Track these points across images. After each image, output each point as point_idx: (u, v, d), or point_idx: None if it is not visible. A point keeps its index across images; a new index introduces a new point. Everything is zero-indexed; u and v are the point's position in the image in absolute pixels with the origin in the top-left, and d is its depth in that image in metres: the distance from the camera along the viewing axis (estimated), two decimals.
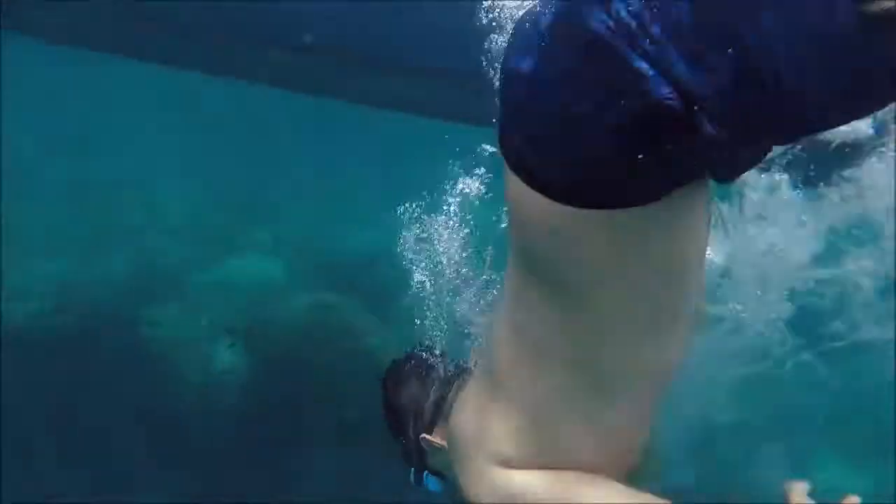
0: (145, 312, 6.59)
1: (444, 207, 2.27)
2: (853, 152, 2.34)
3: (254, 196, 10.55)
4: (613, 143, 0.89)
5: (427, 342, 1.99)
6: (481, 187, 2.23)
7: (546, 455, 1.29)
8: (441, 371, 1.80)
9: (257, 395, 6.31)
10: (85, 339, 6.13)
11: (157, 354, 6.40)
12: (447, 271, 2.21)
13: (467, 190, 2.30)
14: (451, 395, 1.68)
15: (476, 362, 1.71)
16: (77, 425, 5.52)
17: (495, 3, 1.97)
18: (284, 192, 11.15)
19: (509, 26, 1.62)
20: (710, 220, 1.13)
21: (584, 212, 0.95)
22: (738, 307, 2.98)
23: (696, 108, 0.83)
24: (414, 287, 2.48)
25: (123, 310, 6.58)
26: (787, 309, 3.13)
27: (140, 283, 7.09)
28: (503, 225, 1.63)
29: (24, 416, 5.39)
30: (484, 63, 1.95)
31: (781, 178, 2.51)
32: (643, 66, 0.83)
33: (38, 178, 9.27)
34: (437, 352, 1.91)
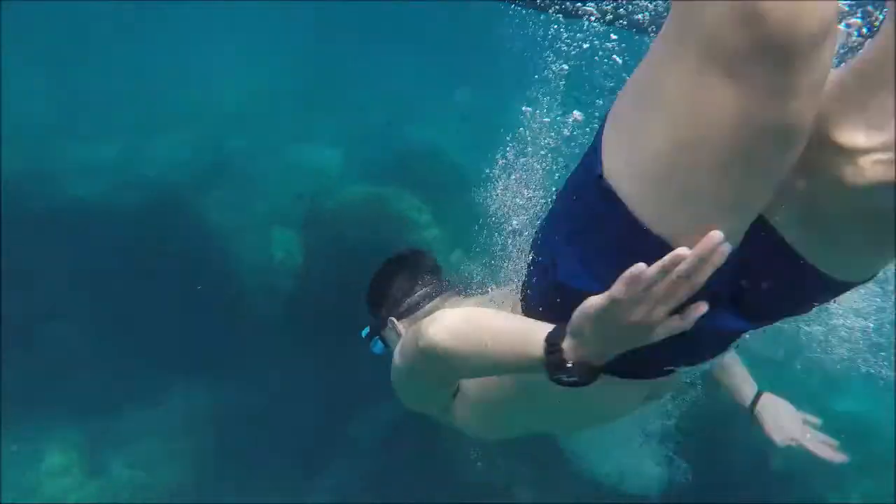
0: (207, 195, 6.65)
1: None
2: None
3: (318, 86, 10.35)
4: None
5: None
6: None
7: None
8: (434, 282, 1.99)
9: (311, 281, 6.32)
10: (146, 218, 6.25)
11: (217, 236, 6.48)
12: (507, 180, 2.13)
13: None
14: (429, 304, 1.92)
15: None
16: (132, 300, 5.70)
17: None
18: (349, 83, 10.88)
19: None
20: None
21: None
22: None
23: None
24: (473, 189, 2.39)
25: (186, 192, 6.64)
26: None
27: (202, 166, 7.12)
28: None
29: (83, 287, 5.60)
30: None
31: None
32: None
33: (104, 58, 9.35)
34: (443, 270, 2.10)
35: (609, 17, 2.47)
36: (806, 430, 1.88)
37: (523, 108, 2.22)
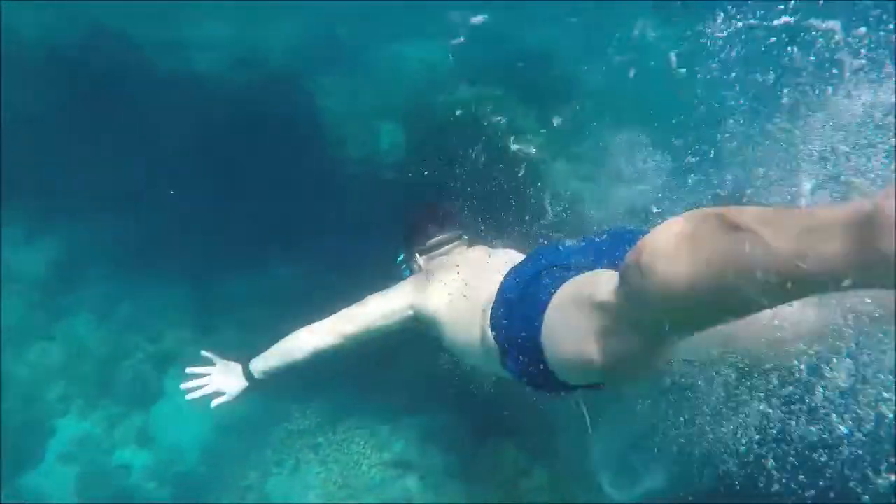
0: (317, 80, 6.57)
1: None
2: None
3: None
4: None
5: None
6: None
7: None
8: (450, 233, 2.59)
9: (408, 169, 6.24)
10: (259, 96, 6.25)
11: (325, 123, 6.45)
12: None
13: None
14: (443, 249, 2.57)
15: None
16: (242, 175, 5.77)
17: None
18: None
19: None
20: None
21: None
22: None
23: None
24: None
25: (298, 75, 6.59)
26: None
27: (314, 51, 7.01)
28: None
29: (199, 158, 5.70)
30: None
31: None
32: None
33: None
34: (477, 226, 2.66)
35: None
36: None
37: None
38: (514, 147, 6.55)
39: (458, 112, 6.48)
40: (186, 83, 6.23)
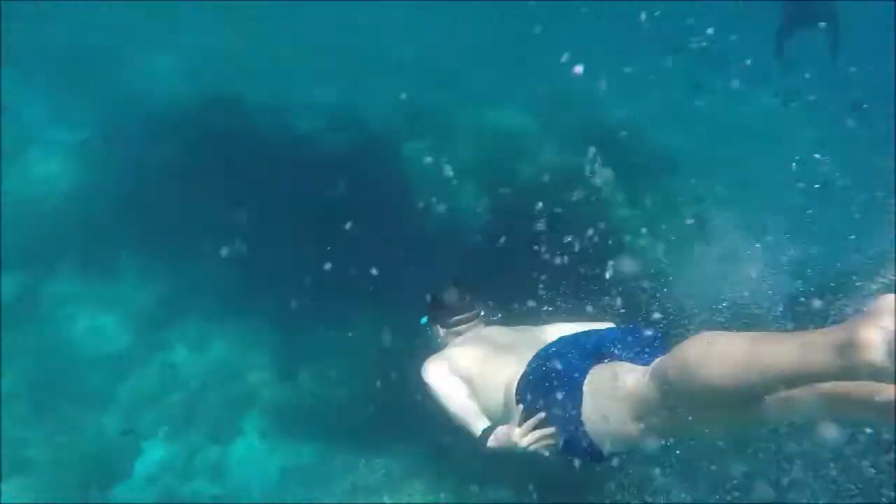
0: (407, 144, 6.91)
1: None
2: None
3: (520, 50, 10.20)
4: None
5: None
6: None
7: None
8: (468, 315, 2.79)
9: (495, 238, 6.33)
10: (352, 158, 6.63)
11: (413, 184, 6.73)
12: None
13: None
14: (464, 327, 2.77)
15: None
16: (331, 237, 6.06)
17: None
18: (550, 49, 10.49)
19: None
20: None
21: None
22: None
23: None
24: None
25: (389, 137, 6.96)
26: None
27: (405, 115, 7.37)
28: None
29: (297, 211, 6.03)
30: None
31: None
32: None
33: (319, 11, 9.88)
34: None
35: None
36: None
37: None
38: (598, 215, 6.52)
39: (543, 178, 6.58)
40: (288, 145, 6.73)
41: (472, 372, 2.38)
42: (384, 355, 5.69)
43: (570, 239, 6.34)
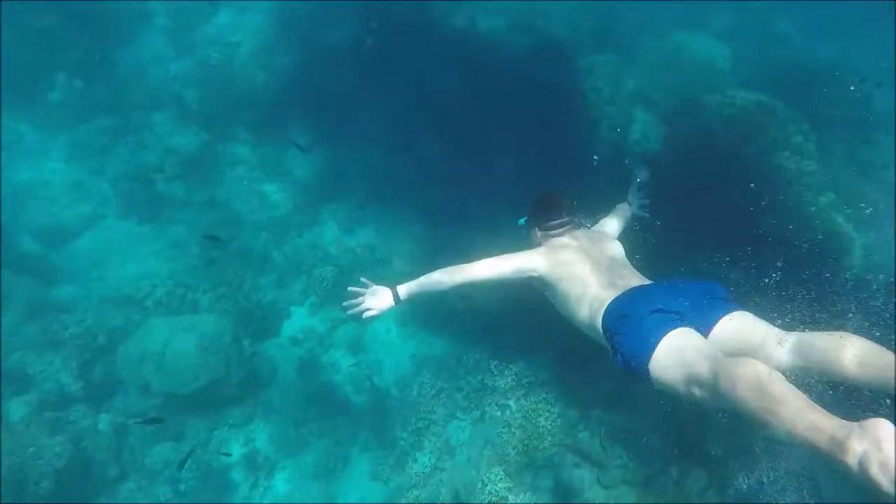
0: (588, 57, 6.38)
1: None
2: None
3: None
4: None
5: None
6: None
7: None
8: (565, 220, 3.12)
9: (662, 171, 5.83)
10: (528, 63, 6.24)
11: (585, 100, 6.26)
12: None
13: None
14: (555, 232, 3.10)
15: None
16: (490, 138, 5.82)
17: None
18: None
19: None
20: None
21: None
22: None
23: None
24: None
25: (570, 47, 6.46)
26: None
27: (592, 27, 6.80)
28: None
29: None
30: None
31: None
32: None
33: None
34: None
35: None
36: None
37: None
38: (783, 165, 5.80)
39: (728, 115, 5.89)
40: (463, 40, 6.44)
41: (563, 284, 2.77)
42: None
43: (740, 188, 5.72)
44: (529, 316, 4.71)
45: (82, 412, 5.47)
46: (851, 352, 1.92)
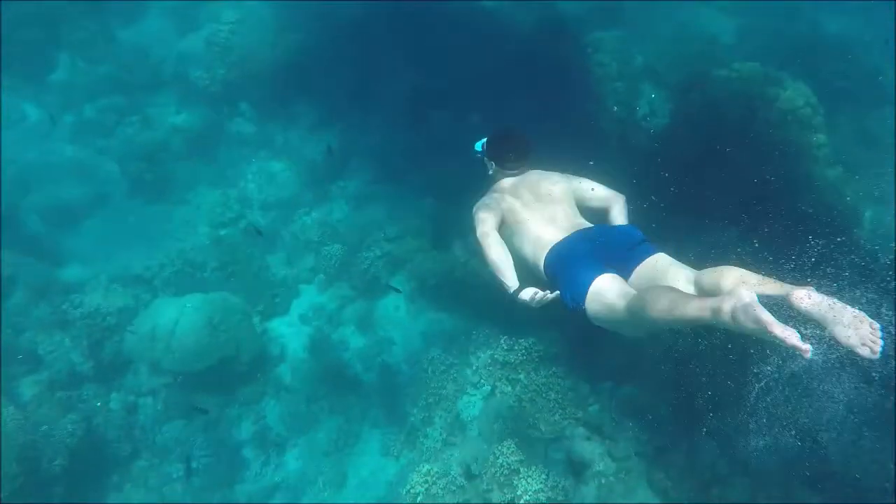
0: (596, 33, 6.21)
1: None
2: None
3: None
4: None
5: None
6: None
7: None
8: (518, 161, 3.05)
9: (671, 143, 5.71)
10: (536, 37, 6.08)
11: (591, 75, 6.10)
12: None
13: None
14: (508, 170, 3.07)
15: None
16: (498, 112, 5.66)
17: None
18: None
19: None
20: None
21: None
22: None
23: None
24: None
25: (579, 23, 6.29)
26: None
27: (594, 10, 6.59)
28: None
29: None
30: None
31: None
32: None
33: None
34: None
35: None
36: None
37: None
38: (790, 139, 5.66)
39: (736, 87, 5.74)
40: (469, 14, 6.26)
41: (513, 218, 2.83)
42: None
43: (748, 160, 5.57)
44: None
45: (93, 391, 5.40)
46: (730, 280, 2.24)
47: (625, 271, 2.57)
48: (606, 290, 2.42)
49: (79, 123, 7.25)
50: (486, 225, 2.76)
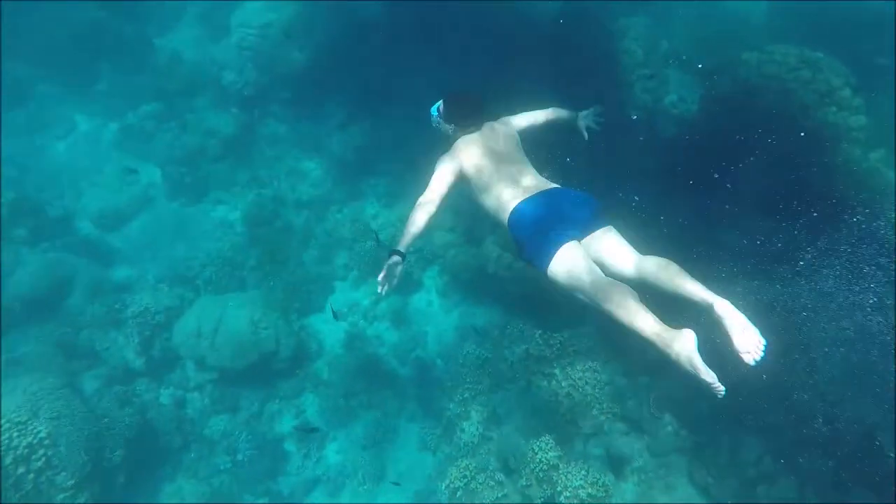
0: (623, 19, 5.83)
1: None
2: None
3: None
4: None
5: None
6: None
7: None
8: (471, 124, 2.99)
9: (698, 131, 5.33)
10: (564, 24, 5.72)
11: (619, 62, 5.73)
12: None
13: None
14: (464, 131, 3.00)
15: None
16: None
17: None
18: None
19: None
20: None
21: None
22: None
23: None
24: None
25: (606, 9, 5.89)
26: None
27: None
28: None
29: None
30: None
31: None
32: None
33: None
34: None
35: None
36: None
37: None
38: (829, 121, 5.22)
39: (769, 70, 5.30)
40: (497, 8, 5.93)
41: (476, 177, 2.77)
42: None
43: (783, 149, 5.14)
44: None
45: (145, 386, 5.37)
46: (666, 274, 2.38)
47: (580, 236, 2.59)
48: (572, 264, 2.46)
49: (122, 130, 7.20)
50: (430, 193, 2.70)
